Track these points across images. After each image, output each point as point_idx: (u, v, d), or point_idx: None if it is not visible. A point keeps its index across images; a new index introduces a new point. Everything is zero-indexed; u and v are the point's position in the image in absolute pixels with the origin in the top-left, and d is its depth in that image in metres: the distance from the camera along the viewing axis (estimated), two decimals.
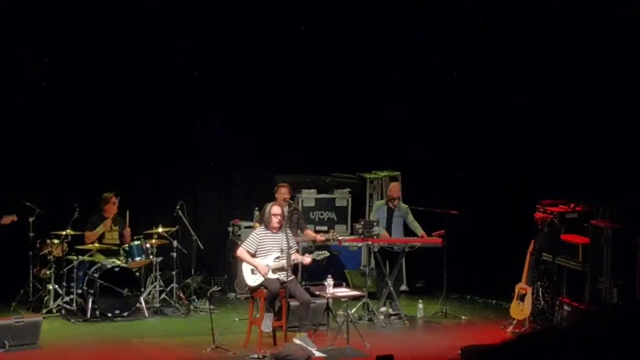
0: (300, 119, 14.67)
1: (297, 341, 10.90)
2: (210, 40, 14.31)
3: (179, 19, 14.06)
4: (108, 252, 12.87)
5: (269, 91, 14.60)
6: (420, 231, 12.90)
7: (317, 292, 11.71)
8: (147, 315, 12.52)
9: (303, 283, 12.65)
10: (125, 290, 12.39)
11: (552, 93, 13.52)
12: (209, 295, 12.43)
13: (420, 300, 13.14)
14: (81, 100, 13.71)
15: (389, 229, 12.88)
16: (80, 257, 12.56)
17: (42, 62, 13.51)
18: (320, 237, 12.60)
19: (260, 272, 11.17)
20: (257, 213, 13.16)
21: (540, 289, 12.12)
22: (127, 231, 12.97)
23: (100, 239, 12.91)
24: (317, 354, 10.75)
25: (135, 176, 14.07)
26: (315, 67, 14.60)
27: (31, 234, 12.56)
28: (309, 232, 12.69)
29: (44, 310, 12.29)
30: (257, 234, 11.44)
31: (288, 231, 11.34)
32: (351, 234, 13.62)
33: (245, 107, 14.59)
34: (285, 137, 14.65)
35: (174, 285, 12.91)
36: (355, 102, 14.81)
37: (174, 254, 12.90)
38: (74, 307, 12.41)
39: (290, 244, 11.26)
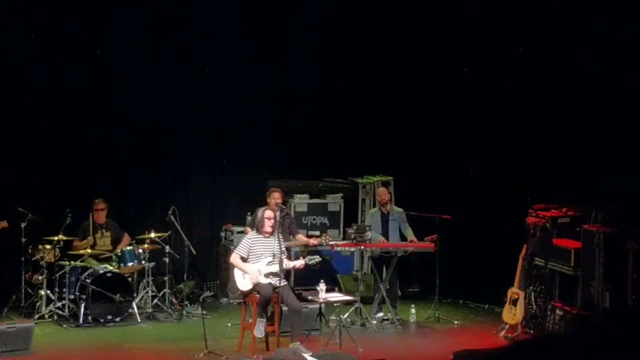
0: (293, 123, 14.67)
1: (291, 350, 10.88)
2: (206, 44, 14.32)
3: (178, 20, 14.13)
4: (100, 258, 12.84)
5: (263, 95, 14.59)
6: (410, 236, 12.90)
7: (310, 297, 11.71)
8: (139, 320, 12.50)
9: (296, 288, 12.63)
10: (118, 295, 12.37)
11: (549, 96, 13.56)
12: (201, 300, 12.42)
13: (413, 305, 13.14)
14: (76, 104, 13.69)
15: (385, 234, 12.87)
16: (73, 263, 12.54)
17: (37, 66, 13.51)
18: (312, 241, 12.60)
19: (250, 278, 11.16)
20: (249, 218, 13.15)
21: (533, 294, 12.14)
22: (127, 238, 12.97)
23: (92, 244, 12.88)
24: (310, 359, 10.74)
25: (128, 181, 14.06)
26: (311, 70, 14.61)
27: (23, 240, 12.53)
28: (301, 237, 12.70)
29: (36, 316, 12.27)
30: (249, 239, 11.45)
31: (280, 236, 11.35)
32: (344, 238, 13.62)
33: (237, 111, 14.58)
34: (277, 142, 14.65)
35: (167, 290, 12.90)
36: (349, 106, 14.81)
37: (167, 259, 12.88)
38: (66, 312, 12.39)
39: (282, 249, 11.28)
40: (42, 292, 12.40)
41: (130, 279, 12.70)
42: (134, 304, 12.52)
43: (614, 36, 12.70)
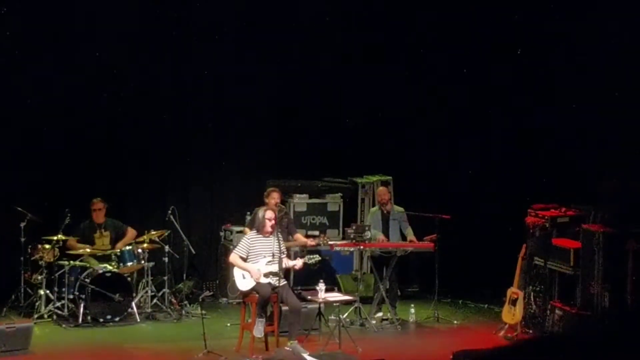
0: (293, 123, 14.67)
1: (289, 349, 10.88)
2: (206, 44, 14.32)
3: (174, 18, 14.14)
4: (100, 258, 12.84)
5: (263, 94, 14.59)
6: (410, 236, 12.90)
7: (309, 297, 11.71)
8: (138, 320, 12.50)
9: (295, 288, 12.63)
10: (117, 295, 12.37)
11: (549, 95, 13.58)
12: (200, 300, 12.40)
13: (413, 305, 13.14)
14: (76, 104, 13.70)
15: (385, 234, 12.87)
16: (72, 262, 12.53)
17: (37, 66, 13.50)
18: (310, 242, 12.61)
19: (252, 277, 11.17)
20: (248, 218, 13.14)
21: (532, 294, 12.14)
22: (132, 232, 12.97)
23: (91, 244, 12.88)
24: (309, 359, 10.74)
25: (128, 181, 14.05)
26: (308, 71, 14.60)
27: (22, 239, 12.53)
28: (299, 237, 12.68)
29: (36, 316, 12.26)
30: (249, 239, 11.45)
31: (279, 236, 11.35)
32: (343, 238, 13.62)
33: (237, 112, 14.58)
34: (277, 142, 14.65)
35: (166, 290, 12.89)
36: (348, 106, 14.82)
37: (166, 259, 12.88)
38: (66, 312, 12.38)
39: (282, 249, 11.28)
40: (42, 292, 12.40)
41: (129, 279, 12.69)
42: (133, 304, 12.52)
43: (613, 36, 12.70)
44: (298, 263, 11.50)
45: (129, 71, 13.93)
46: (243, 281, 11.24)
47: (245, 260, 11.28)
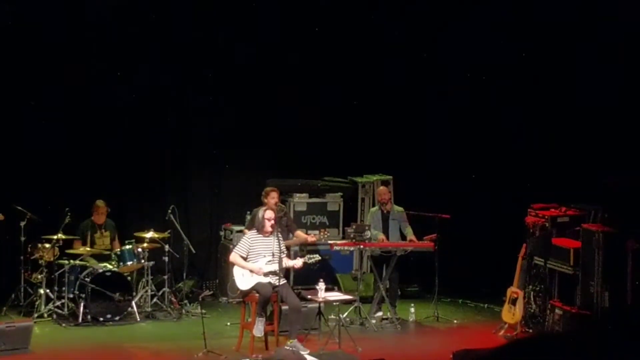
0: (292, 122, 14.67)
1: (289, 348, 10.88)
2: (205, 45, 14.32)
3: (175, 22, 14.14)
4: (99, 257, 12.85)
5: (260, 95, 14.59)
6: (410, 235, 12.90)
7: (309, 296, 11.71)
8: (138, 319, 12.50)
9: (295, 287, 12.63)
10: (117, 294, 12.37)
11: (546, 96, 13.58)
12: (200, 299, 12.40)
13: (412, 304, 13.14)
14: (76, 104, 13.71)
15: (385, 233, 12.87)
16: (72, 262, 12.53)
17: (37, 66, 13.50)
18: (311, 238, 12.63)
19: (255, 273, 11.17)
20: (249, 217, 13.13)
21: (532, 293, 12.14)
22: (115, 244, 13.02)
23: (91, 244, 12.90)
24: (309, 358, 10.74)
25: (127, 180, 14.05)
26: (307, 70, 14.61)
27: (22, 238, 12.52)
28: (300, 234, 12.69)
29: (35, 315, 12.26)
30: (249, 238, 11.46)
31: (279, 235, 11.35)
32: (343, 238, 13.62)
33: (236, 111, 14.59)
34: (277, 142, 14.64)
35: (166, 289, 12.89)
36: (348, 105, 14.82)
37: (166, 258, 12.87)
38: (66, 311, 12.39)
39: (282, 248, 11.28)
40: (42, 291, 12.40)
41: (129, 278, 12.70)
42: (133, 303, 12.52)
43: (612, 35, 12.71)
44: (298, 262, 11.51)
45: (129, 70, 13.92)
46: (243, 280, 11.25)
47: (245, 259, 11.29)
